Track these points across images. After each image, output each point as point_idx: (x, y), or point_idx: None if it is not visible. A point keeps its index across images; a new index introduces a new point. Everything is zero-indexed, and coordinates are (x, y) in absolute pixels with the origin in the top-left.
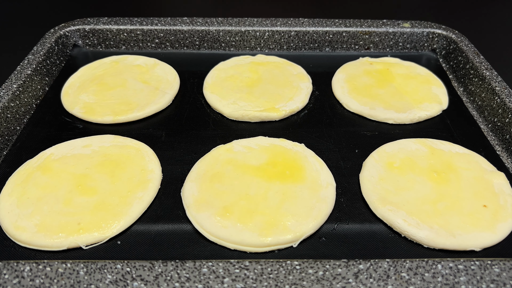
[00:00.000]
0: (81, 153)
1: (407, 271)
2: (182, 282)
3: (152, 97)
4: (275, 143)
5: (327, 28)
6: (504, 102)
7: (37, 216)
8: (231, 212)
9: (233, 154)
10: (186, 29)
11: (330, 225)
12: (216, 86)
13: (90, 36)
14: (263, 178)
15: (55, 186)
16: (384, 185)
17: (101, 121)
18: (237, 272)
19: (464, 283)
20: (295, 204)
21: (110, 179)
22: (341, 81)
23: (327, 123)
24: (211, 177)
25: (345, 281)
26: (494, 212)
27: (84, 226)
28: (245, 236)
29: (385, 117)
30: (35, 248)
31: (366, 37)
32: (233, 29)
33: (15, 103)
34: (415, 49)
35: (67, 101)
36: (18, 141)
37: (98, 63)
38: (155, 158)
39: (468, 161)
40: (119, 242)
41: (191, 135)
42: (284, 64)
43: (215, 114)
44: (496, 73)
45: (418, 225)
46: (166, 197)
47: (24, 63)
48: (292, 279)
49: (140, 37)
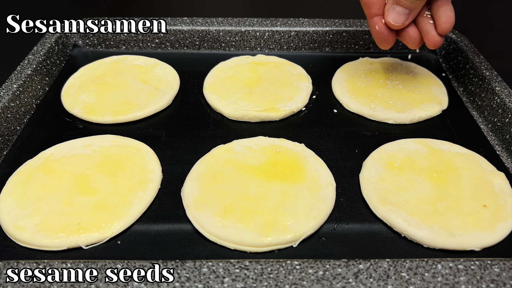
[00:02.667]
0: (81, 153)
1: (407, 271)
2: (182, 282)
3: (152, 97)
4: (275, 143)
5: (327, 28)
6: (504, 102)
7: (37, 216)
8: (231, 212)
9: (233, 154)
10: (186, 29)
11: (330, 225)
12: (216, 86)
13: (90, 36)
14: (263, 178)
15: (55, 186)
16: (384, 185)
17: (101, 121)
18: (237, 272)
19: (464, 283)
20: (295, 204)
21: (110, 179)
22: (341, 81)
23: (327, 123)
24: (211, 177)
25: (345, 281)
26: (494, 212)
27: (84, 226)
28: (245, 236)
29: (385, 117)
30: (35, 248)
31: (366, 37)
32: (233, 29)
33: (15, 103)
34: (415, 49)
35: (67, 101)
36: (18, 141)
37: (98, 63)
38: (155, 158)
39: (468, 161)
40: (119, 242)
41: (191, 135)
42: (284, 64)
43: (215, 114)
44: (496, 73)
45: (418, 225)
46: (166, 197)
47: (24, 63)
48: (292, 279)
49: (140, 37)
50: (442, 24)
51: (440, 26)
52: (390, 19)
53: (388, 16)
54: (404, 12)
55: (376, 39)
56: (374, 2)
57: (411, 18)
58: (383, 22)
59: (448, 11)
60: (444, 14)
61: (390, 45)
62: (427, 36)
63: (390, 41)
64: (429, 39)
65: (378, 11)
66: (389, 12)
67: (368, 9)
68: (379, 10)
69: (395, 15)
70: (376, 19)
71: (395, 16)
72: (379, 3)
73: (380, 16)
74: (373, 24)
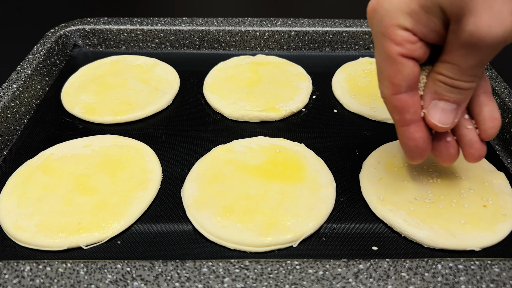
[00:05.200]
0: (81, 153)
1: (407, 271)
2: (182, 282)
3: (152, 97)
4: (275, 143)
5: (327, 28)
6: (504, 102)
7: (37, 216)
8: (231, 212)
9: (233, 154)
10: (186, 29)
11: (330, 225)
12: (216, 86)
13: (90, 36)
14: (263, 178)
15: (55, 186)
16: (384, 185)
17: (101, 121)
18: (237, 272)
19: (464, 283)
20: (295, 204)
21: (110, 179)
22: (341, 81)
23: (327, 123)
24: (211, 177)
25: (345, 281)
26: (494, 212)
27: (84, 226)
28: (245, 236)
29: (385, 117)
30: (35, 248)
31: (366, 37)
32: (233, 29)
33: (15, 103)
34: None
35: (67, 101)
36: (18, 141)
37: (98, 63)
38: (155, 158)
39: None
40: (119, 242)
41: (191, 135)
42: (284, 64)
43: (215, 114)
44: (496, 73)
45: (418, 225)
46: (166, 197)
47: (24, 63)
48: (292, 279)
49: (140, 37)
50: (488, 129)
51: (486, 132)
52: (435, 120)
53: (432, 116)
54: (451, 108)
55: (409, 152)
56: (410, 104)
57: (461, 113)
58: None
59: (495, 111)
60: (489, 115)
61: (425, 158)
62: (471, 148)
63: (427, 154)
64: (473, 152)
65: (414, 116)
66: (431, 111)
67: (400, 115)
68: (415, 115)
69: (441, 114)
70: (414, 128)
71: (441, 114)
72: (415, 105)
73: (417, 124)
74: (409, 134)
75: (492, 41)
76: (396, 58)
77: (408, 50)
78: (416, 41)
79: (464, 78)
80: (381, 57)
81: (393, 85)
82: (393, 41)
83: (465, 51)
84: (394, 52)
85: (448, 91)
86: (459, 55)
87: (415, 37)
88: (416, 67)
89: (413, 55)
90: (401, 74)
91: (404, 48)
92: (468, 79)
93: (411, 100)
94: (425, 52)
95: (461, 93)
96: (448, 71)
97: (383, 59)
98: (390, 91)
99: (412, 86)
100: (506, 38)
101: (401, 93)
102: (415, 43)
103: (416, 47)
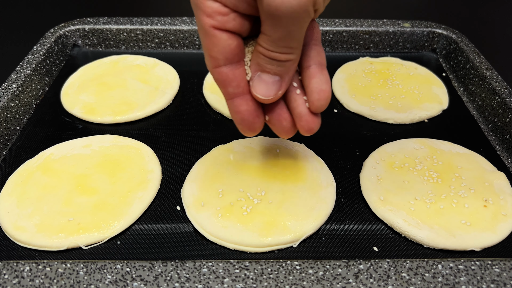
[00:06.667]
0: (81, 153)
1: (407, 271)
2: (182, 282)
3: (152, 97)
4: (275, 143)
5: (327, 28)
6: (504, 102)
7: (37, 216)
8: (231, 212)
9: (233, 154)
10: (186, 29)
11: (330, 225)
12: (216, 86)
13: (90, 36)
14: (263, 178)
15: (55, 186)
16: (384, 185)
17: (101, 121)
18: (237, 272)
19: (465, 283)
20: (295, 204)
21: (110, 179)
22: (341, 81)
23: (327, 123)
24: (211, 177)
25: (345, 281)
26: (494, 212)
27: (84, 226)
28: (245, 236)
29: (385, 117)
30: (35, 248)
31: (366, 37)
32: None
33: (15, 103)
34: (415, 49)
35: (67, 101)
36: (18, 141)
37: (98, 63)
38: (155, 158)
39: (468, 161)
40: (119, 242)
41: (191, 135)
42: None
43: (215, 114)
44: (496, 73)
45: (418, 225)
46: (166, 197)
47: (24, 63)
48: (292, 279)
49: (140, 37)
50: (315, 101)
51: (314, 104)
52: (257, 92)
53: (254, 88)
54: (273, 79)
55: (238, 125)
56: (231, 78)
57: (285, 86)
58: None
59: (323, 83)
60: (316, 86)
61: (258, 131)
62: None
63: (258, 127)
64: (303, 125)
65: (236, 89)
66: (254, 83)
67: (223, 88)
68: (237, 88)
69: (263, 86)
70: (238, 101)
71: (264, 86)
72: (237, 79)
73: (242, 97)
74: (234, 108)
75: (288, 12)
76: (209, 30)
77: (219, 22)
78: (228, 12)
79: (279, 50)
80: (199, 30)
81: (212, 58)
82: (205, 13)
83: (271, 21)
84: (207, 24)
85: (268, 62)
86: (268, 25)
87: (226, 8)
88: (233, 39)
89: (226, 27)
90: (216, 47)
91: (215, 20)
92: (283, 51)
93: (231, 73)
94: (242, 24)
95: (281, 65)
96: (264, 43)
97: (200, 32)
98: (210, 64)
99: (231, 59)
100: (303, 9)
101: (220, 66)
102: (227, 15)
103: (228, 19)
